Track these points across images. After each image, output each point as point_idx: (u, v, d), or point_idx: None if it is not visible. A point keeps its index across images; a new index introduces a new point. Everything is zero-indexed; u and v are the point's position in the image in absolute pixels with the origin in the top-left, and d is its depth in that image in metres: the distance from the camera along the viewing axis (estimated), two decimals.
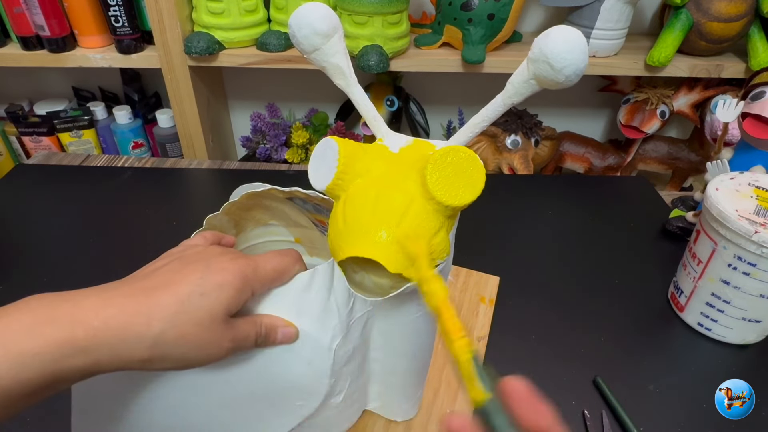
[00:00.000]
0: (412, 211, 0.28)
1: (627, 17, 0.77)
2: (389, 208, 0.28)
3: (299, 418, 0.35)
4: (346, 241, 0.28)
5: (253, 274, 0.30)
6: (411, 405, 0.42)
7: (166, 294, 0.27)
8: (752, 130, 0.57)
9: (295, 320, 0.32)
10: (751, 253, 0.45)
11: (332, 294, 0.32)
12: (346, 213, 0.29)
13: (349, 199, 0.29)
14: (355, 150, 0.30)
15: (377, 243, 0.27)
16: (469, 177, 0.27)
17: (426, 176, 0.27)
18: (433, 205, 0.28)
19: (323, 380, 0.33)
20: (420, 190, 0.28)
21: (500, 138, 0.87)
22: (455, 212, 0.29)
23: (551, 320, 0.53)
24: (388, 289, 0.30)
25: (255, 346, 0.30)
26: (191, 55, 0.78)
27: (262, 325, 0.30)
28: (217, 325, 0.28)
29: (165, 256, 0.31)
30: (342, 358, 0.34)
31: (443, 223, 0.29)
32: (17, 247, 0.62)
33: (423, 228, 0.28)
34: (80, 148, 0.93)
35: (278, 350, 0.32)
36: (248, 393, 0.33)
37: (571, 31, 0.26)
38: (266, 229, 0.44)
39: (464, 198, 0.27)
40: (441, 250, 0.29)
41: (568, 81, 0.27)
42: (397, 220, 0.27)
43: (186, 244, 0.33)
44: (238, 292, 0.28)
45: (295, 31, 0.30)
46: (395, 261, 0.27)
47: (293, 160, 0.92)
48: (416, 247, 0.27)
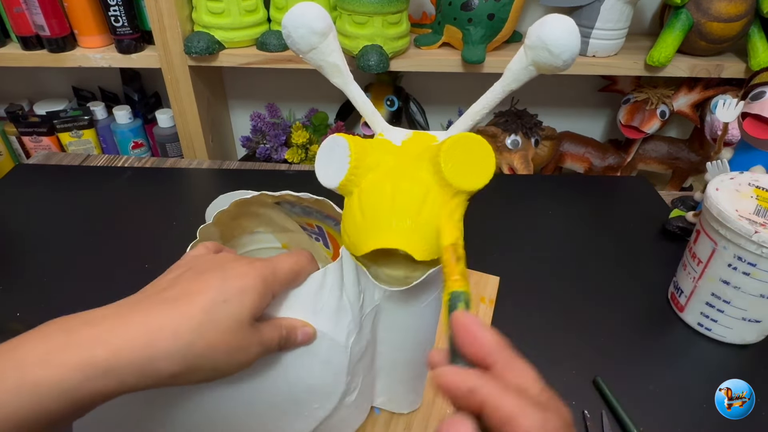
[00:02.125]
0: (429, 199, 0.28)
1: (627, 17, 0.77)
2: (408, 199, 0.28)
3: (315, 421, 0.34)
4: (368, 234, 0.28)
5: (272, 277, 0.29)
6: (416, 396, 0.43)
7: (189, 304, 0.26)
8: (752, 130, 0.57)
9: (311, 320, 0.32)
10: (751, 253, 0.45)
11: (344, 292, 0.32)
12: (363, 207, 0.29)
13: (364, 194, 0.29)
14: (363, 144, 0.30)
15: (401, 233, 0.28)
16: (481, 161, 0.28)
17: (440, 164, 0.28)
18: (449, 191, 0.28)
19: (341, 378, 0.33)
20: (434, 178, 0.29)
21: (500, 138, 0.87)
22: (468, 197, 0.29)
23: (551, 320, 0.53)
24: (403, 280, 0.30)
25: (278, 349, 0.30)
26: (191, 55, 0.78)
27: (283, 328, 0.30)
28: (245, 331, 0.27)
29: (174, 268, 0.30)
30: (357, 355, 0.34)
31: (457, 208, 0.29)
32: (17, 247, 0.61)
33: (441, 215, 0.28)
34: (80, 148, 0.93)
35: (296, 352, 0.32)
36: (264, 400, 0.33)
37: (565, 18, 0.27)
38: (252, 237, 0.43)
39: (479, 181, 0.28)
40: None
41: (565, 65, 0.28)
42: (417, 209, 0.28)
43: (190, 255, 0.32)
44: (260, 295, 0.28)
45: (290, 31, 0.30)
46: (421, 249, 0.28)
47: (293, 160, 0.92)
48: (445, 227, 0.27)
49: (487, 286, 0.57)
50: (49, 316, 0.25)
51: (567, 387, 0.46)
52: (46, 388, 0.22)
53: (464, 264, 0.26)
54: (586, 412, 0.44)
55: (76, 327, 0.24)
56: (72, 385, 0.22)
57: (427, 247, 0.28)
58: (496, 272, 0.58)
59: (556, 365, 0.48)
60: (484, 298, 0.55)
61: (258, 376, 0.31)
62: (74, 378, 0.22)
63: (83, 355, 0.23)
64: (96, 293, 0.54)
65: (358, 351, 0.34)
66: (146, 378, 0.24)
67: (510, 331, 0.51)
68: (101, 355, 0.23)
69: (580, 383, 0.47)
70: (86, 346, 0.23)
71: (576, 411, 0.44)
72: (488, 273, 0.58)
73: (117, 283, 0.55)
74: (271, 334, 0.29)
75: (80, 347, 0.23)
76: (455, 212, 0.29)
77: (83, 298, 0.53)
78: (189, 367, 0.25)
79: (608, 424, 0.43)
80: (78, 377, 0.22)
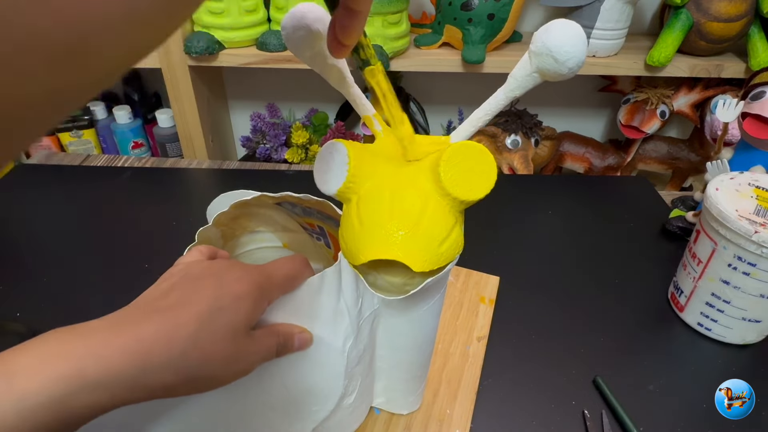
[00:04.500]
0: (429, 209, 0.28)
1: (627, 17, 0.77)
2: (406, 208, 0.28)
3: (314, 423, 0.35)
4: (365, 244, 0.28)
5: (267, 283, 0.29)
6: (416, 397, 0.43)
7: (183, 313, 0.25)
8: (752, 130, 0.57)
9: (308, 325, 0.32)
10: (751, 253, 0.45)
11: (341, 296, 0.32)
12: (361, 215, 0.29)
13: (362, 201, 0.29)
14: (362, 151, 0.30)
15: (399, 244, 0.27)
16: (482, 171, 0.28)
17: (440, 173, 0.27)
18: (448, 201, 0.28)
19: (338, 382, 0.33)
20: (433, 187, 0.28)
21: (500, 138, 0.87)
22: (468, 206, 0.29)
23: (551, 320, 0.53)
24: (401, 287, 0.30)
25: (276, 356, 0.30)
26: (191, 54, 0.78)
27: (280, 335, 0.30)
28: (241, 339, 0.27)
29: (167, 277, 0.29)
30: (354, 359, 0.34)
31: (458, 218, 0.29)
32: (17, 247, 0.61)
33: (441, 224, 0.28)
34: (80, 147, 0.93)
35: (292, 357, 0.31)
36: (262, 404, 0.33)
37: (572, 24, 0.26)
38: (253, 236, 0.43)
39: (479, 192, 0.28)
40: (458, 245, 0.29)
41: (571, 73, 0.27)
42: (416, 220, 0.28)
43: (183, 262, 0.31)
44: (256, 302, 0.28)
45: (290, 33, 0.29)
46: (420, 260, 0.27)
47: (293, 160, 0.92)
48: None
49: (487, 286, 0.57)
50: (49, 316, 0.25)
51: (567, 387, 0.46)
52: (32, 399, 0.21)
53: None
54: (586, 412, 0.44)
55: (67, 339, 0.23)
56: (59, 398, 0.22)
57: (425, 258, 0.27)
58: (496, 272, 0.58)
59: (556, 365, 0.48)
60: (484, 298, 0.55)
61: (255, 379, 0.31)
62: (61, 390, 0.22)
63: (72, 368, 0.22)
64: (96, 293, 0.54)
65: (355, 355, 0.34)
66: (139, 391, 0.24)
67: (510, 331, 0.51)
68: (91, 368, 0.22)
69: (580, 383, 0.47)
70: (76, 358, 0.22)
71: (576, 411, 0.44)
72: (488, 273, 0.58)
73: (117, 283, 0.55)
74: (268, 342, 0.29)
75: (69, 360, 0.22)
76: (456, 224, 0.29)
77: (83, 298, 0.54)
78: (183, 378, 0.25)
79: (608, 424, 0.43)
80: (65, 390, 0.22)
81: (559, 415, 0.44)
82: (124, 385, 0.23)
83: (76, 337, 0.23)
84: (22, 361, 0.22)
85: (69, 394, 0.22)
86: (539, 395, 0.45)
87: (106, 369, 0.23)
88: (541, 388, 0.46)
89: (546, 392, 0.46)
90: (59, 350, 0.23)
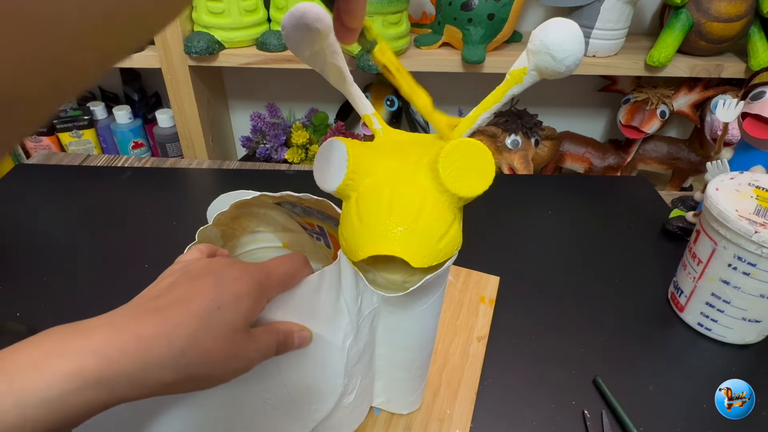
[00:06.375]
0: (428, 205, 0.28)
1: (627, 17, 0.77)
2: (405, 205, 0.28)
3: (313, 422, 0.34)
4: (365, 240, 0.28)
5: (267, 281, 0.29)
6: (416, 397, 0.42)
7: (182, 311, 0.25)
8: (752, 130, 0.57)
9: (308, 323, 0.32)
10: (751, 253, 0.45)
11: (341, 294, 0.32)
12: (361, 212, 0.29)
13: (362, 198, 0.29)
14: (362, 148, 0.30)
15: (399, 240, 0.27)
16: (480, 167, 0.28)
17: (439, 170, 0.28)
18: (447, 197, 0.28)
19: (338, 381, 0.33)
20: (432, 183, 0.28)
21: (500, 138, 0.87)
22: (467, 203, 0.29)
23: (551, 320, 0.53)
24: (400, 284, 0.30)
25: (275, 354, 0.30)
26: (191, 54, 0.78)
27: (279, 333, 0.30)
28: (240, 337, 0.27)
29: (166, 275, 0.29)
30: (354, 357, 0.34)
31: (456, 214, 0.29)
32: (17, 247, 0.61)
33: (440, 221, 0.28)
34: (80, 147, 0.93)
35: (292, 355, 0.31)
36: (262, 402, 0.33)
37: (569, 22, 0.27)
38: (253, 236, 0.43)
39: (477, 188, 0.28)
40: (457, 241, 0.29)
41: (568, 71, 0.27)
42: (415, 216, 0.28)
43: (183, 260, 0.31)
44: (255, 300, 0.28)
45: (290, 32, 0.29)
46: (419, 256, 0.27)
47: (293, 160, 0.92)
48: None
49: (487, 286, 0.57)
50: (49, 316, 0.25)
51: (567, 387, 0.46)
52: (32, 396, 0.21)
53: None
54: (586, 412, 0.44)
55: (67, 337, 0.23)
56: (58, 395, 0.22)
57: (425, 254, 0.28)
58: (496, 272, 0.58)
59: (556, 365, 0.48)
60: (484, 298, 0.55)
61: (255, 377, 0.31)
62: (61, 387, 0.22)
63: (73, 365, 0.22)
64: (96, 293, 0.54)
65: (355, 353, 0.34)
66: (139, 388, 0.24)
67: (510, 331, 0.51)
68: (91, 365, 0.22)
69: (580, 383, 0.47)
70: (76, 356, 0.22)
71: (576, 411, 0.44)
72: (488, 273, 0.58)
73: (117, 283, 0.55)
74: (267, 340, 0.29)
75: (70, 357, 0.22)
76: (455, 221, 0.29)
77: (83, 298, 0.54)
78: (183, 375, 0.25)
79: (608, 424, 0.43)
80: (65, 387, 0.22)
81: (559, 415, 0.44)
82: (124, 382, 0.23)
83: (75, 335, 0.23)
84: (22, 359, 0.22)
85: (69, 392, 0.22)
86: (539, 395, 0.45)
87: (105, 366, 0.23)
88: (541, 388, 0.46)
89: (546, 392, 0.46)
90: (59, 348, 0.23)
